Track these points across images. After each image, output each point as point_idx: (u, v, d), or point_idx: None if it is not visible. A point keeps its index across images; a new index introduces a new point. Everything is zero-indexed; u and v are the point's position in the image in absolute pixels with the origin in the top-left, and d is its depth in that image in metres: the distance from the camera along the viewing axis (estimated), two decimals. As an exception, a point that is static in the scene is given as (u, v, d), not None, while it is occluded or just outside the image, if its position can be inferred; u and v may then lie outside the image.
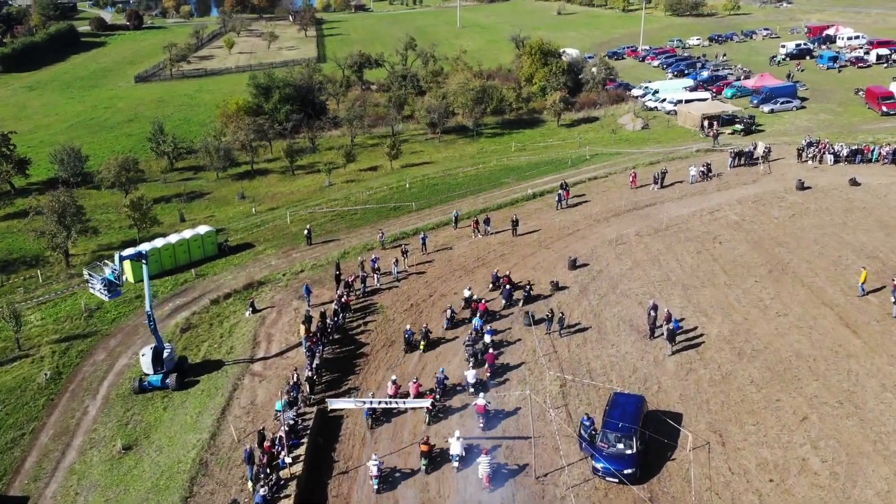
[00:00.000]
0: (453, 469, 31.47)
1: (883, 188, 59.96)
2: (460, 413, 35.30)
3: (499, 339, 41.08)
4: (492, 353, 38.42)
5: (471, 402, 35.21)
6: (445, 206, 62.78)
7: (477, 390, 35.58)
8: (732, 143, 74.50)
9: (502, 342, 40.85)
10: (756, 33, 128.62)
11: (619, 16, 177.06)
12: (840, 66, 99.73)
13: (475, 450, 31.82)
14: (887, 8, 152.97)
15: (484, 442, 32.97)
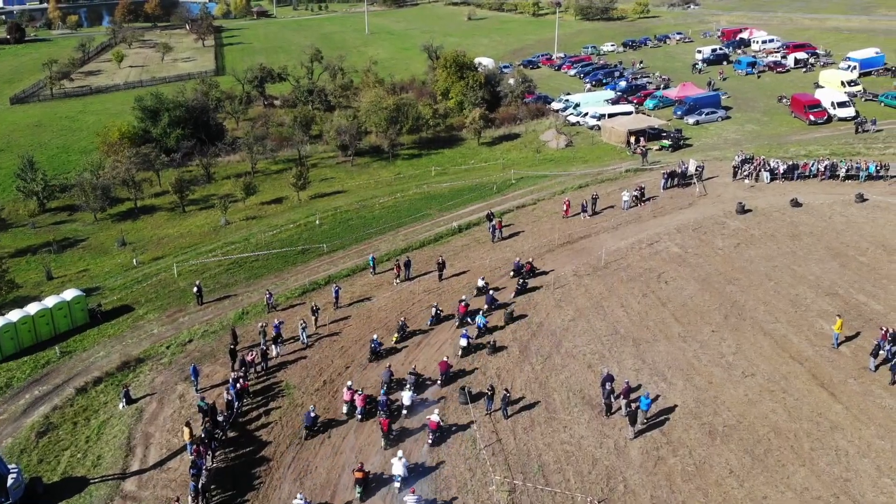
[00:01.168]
0: (395, 491, 30.34)
1: (826, 209, 56.42)
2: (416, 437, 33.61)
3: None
4: (445, 361, 38.17)
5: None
6: (361, 245, 55.75)
7: (412, 414, 35.03)
8: (661, 161, 70.35)
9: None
10: (670, 38, 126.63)
11: (529, 21, 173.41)
12: (759, 71, 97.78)
13: (419, 468, 31.72)
14: (791, 9, 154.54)
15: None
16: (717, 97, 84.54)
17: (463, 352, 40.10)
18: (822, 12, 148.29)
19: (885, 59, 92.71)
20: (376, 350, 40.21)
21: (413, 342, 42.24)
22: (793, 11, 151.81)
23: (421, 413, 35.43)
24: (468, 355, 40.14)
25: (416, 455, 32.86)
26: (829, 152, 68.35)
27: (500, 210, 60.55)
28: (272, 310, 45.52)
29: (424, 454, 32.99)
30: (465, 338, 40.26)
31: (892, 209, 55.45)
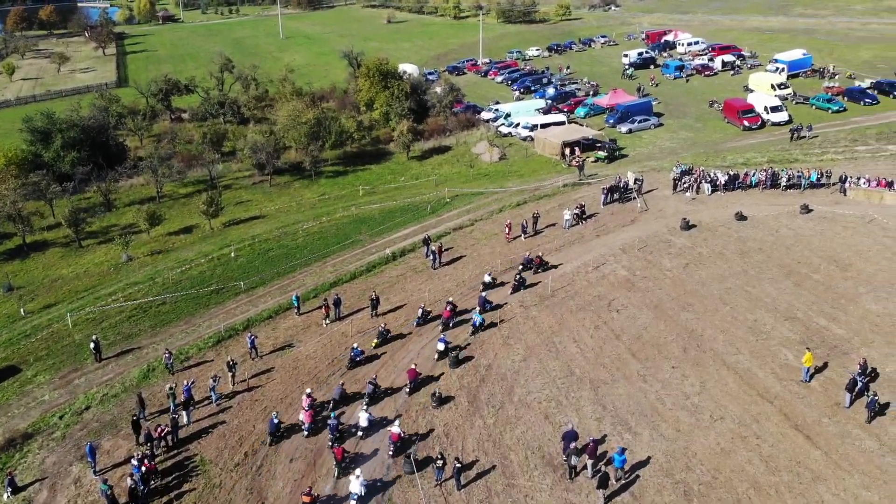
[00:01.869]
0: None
1: (772, 221, 54.35)
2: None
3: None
4: (413, 369, 37.27)
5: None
6: (284, 280, 50.60)
7: (367, 435, 33.85)
8: (598, 174, 67.52)
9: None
10: (594, 41, 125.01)
11: (451, 24, 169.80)
12: (687, 75, 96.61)
13: (377, 483, 31.01)
14: (710, 10, 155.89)
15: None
16: (649, 104, 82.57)
17: (439, 356, 39.57)
18: (741, 13, 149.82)
19: (813, 61, 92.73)
20: (355, 359, 39.40)
21: (395, 346, 41.34)
22: (712, 12, 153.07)
23: (379, 434, 33.94)
24: (444, 358, 39.54)
25: (376, 470, 31.85)
26: (766, 160, 66.87)
27: (436, 233, 56.36)
28: (173, 372, 39.68)
29: (384, 469, 31.94)
30: (443, 342, 39.83)
31: (838, 220, 53.81)
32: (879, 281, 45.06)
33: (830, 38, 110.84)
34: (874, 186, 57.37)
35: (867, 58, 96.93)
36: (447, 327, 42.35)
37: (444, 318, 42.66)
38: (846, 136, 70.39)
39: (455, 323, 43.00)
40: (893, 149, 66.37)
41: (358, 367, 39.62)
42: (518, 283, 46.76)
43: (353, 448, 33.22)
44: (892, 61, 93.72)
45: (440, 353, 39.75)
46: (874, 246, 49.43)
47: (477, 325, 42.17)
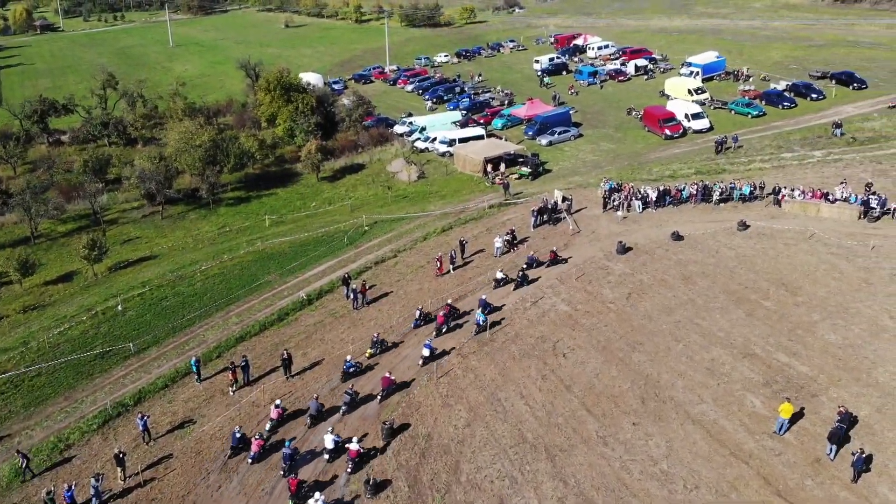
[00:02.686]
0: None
1: (710, 241, 51.48)
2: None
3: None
4: (387, 377, 36.75)
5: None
6: (182, 336, 44.12)
7: (332, 459, 32.51)
8: (523, 191, 63.49)
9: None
10: (503, 46, 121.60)
11: (353, 28, 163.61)
12: (601, 81, 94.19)
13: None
14: (613, 10, 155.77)
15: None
16: (567, 114, 79.34)
17: (424, 362, 39.03)
18: (644, 13, 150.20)
19: (726, 63, 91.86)
20: (348, 371, 38.30)
21: (390, 356, 40.26)
22: (615, 13, 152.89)
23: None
24: (428, 364, 39.05)
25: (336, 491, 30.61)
26: (694, 171, 64.46)
27: (356, 268, 50.97)
28: (31, 477, 32.69)
29: (342, 487, 31.10)
30: (428, 347, 39.28)
31: (777, 237, 51.41)
32: (832, 306, 42.52)
33: (738, 39, 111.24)
34: (810, 198, 55.45)
35: (777, 58, 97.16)
36: (440, 333, 41.55)
37: (437, 324, 41.90)
38: (770, 143, 68.92)
39: (450, 328, 42.26)
40: (819, 155, 65.17)
41: (351, 378, 38.10)
42: (520, 280, 46.17)
43: (316, 474, 31.77)
44: (803, 61, 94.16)
45: (425, 360, 39.02)
46: (820, 265, 47.09)
47: (481, 324, 41.40)
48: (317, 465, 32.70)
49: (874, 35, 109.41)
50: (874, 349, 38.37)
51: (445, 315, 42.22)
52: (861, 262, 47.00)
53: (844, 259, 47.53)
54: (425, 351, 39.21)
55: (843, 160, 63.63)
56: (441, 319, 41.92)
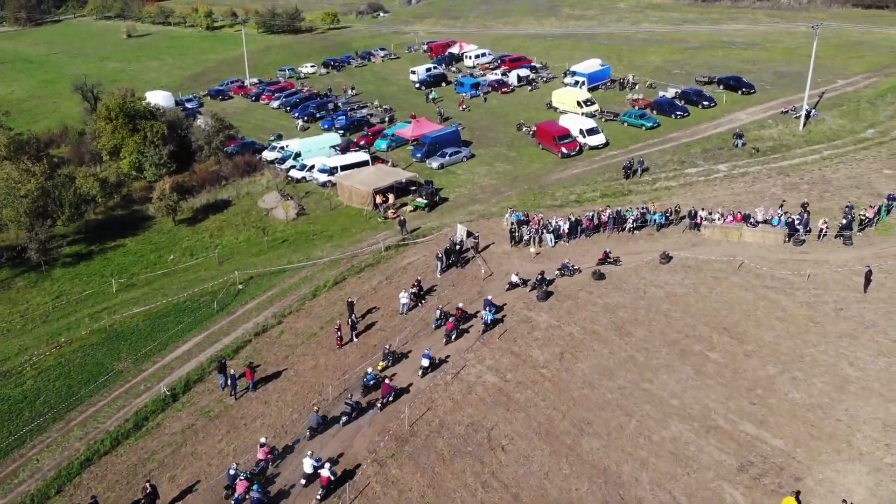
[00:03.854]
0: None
1: (633, 278, 46.38)
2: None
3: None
4: (388, 384, 35.97)
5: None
6: (7, 463, 33.71)
7: (308, 484, 30.92)
8: (421, 226, 56.34)
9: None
10: (373, 54, 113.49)
11: (204, 36, 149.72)
12: (484, 93, 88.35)
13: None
14: (480, 13, 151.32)
15: None
16: (457, 132, 72.79)
17: (423, 372, 37.98)
18: (511, 16, 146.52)
19: (611, 71, 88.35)
20: (368, 384, 36.94)
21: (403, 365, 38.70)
22: (483, 16, 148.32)
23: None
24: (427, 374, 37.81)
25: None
26: (599, 194, 59.63)
27: (230, 344, 42.06)
28: None
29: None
30: (427, 357, 38.20)
31: (704, 269, 46.98)
32: (785, 354, 38.13)
33: (614, 43, 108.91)
34: (730, 222, 51.61)
35: (658, 63, 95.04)
36: (450, 340, 40.69)
37: (447, 331, 40.90)
38: (671, 158, 65.24)
39: (459, 333, 41.21)
40: (724, 169, 62.01)
41: (371, 391, 36.68)
42: (538, 283, 44.83)
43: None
44: (685, 66, 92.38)
45: (424, 370, 37.98)
46: (759, 303, 42.84)
47: (488, 323, 41.39)
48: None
49: (746, 35, 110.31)
50: (845, 408, 34.08)
51: (456, 320, 41.31)
52: (801, 295, 43.16)
53: (783, 293, 43.56)
54: (424, 361, 38.07)
55: (749, 173, 60.73)
56: (451, 326, 40.89)
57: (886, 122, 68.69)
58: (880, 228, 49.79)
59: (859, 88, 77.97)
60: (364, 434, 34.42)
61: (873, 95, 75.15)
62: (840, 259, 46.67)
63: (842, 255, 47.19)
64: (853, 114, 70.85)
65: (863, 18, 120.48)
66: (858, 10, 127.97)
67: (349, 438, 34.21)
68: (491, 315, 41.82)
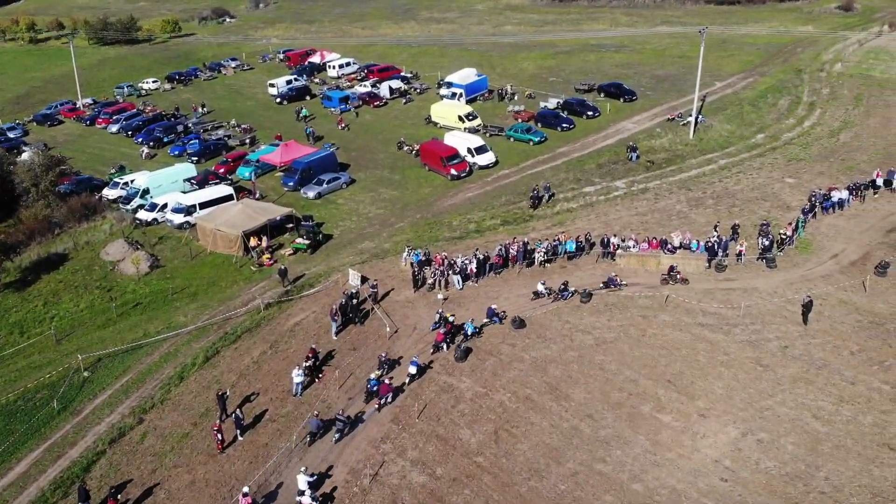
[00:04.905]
0: None
1: (555, 322, 41.39)
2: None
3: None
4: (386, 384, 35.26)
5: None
6: None
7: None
8: (306, 273, 48.72)
9: None
10: (224, 65, 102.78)
11: (27, 51, 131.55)
12: (355, 107, 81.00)
13: None
14: (335, 17, 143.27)
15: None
16: (333, 155, 65.23)
17: (410, 379, 36.44)
18: (368, 19, 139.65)
19: (489, 81, 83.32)
20: (372, 390, 35.50)
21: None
22: (338, 20, 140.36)
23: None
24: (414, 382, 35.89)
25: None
26: (500, 222, 54.31)
27: (79, 459, 32.99)
28: None
29: None
30: (415, 365, 36.73)
31: (630, 305, 42.67)
32: (742, 408, 34.12)
33: (482, 49, 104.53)
34: (646, 249, 47.65)
35: (532, 70, 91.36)
36: (437, 350, 39.01)
37: (436, 341, 39.34)
38: (566, 176, 61.01)
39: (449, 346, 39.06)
40: (623, 185, 58.42)
41: (373, 397, 35.35)
42: (561, 293, 43.26)
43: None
44: (560, 72, 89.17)
45: (411, 377, 36.70)
46: (697, 345, 38.82)
47: (468, 335, 39.77)
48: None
49: (614, 37, 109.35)
50: (824, 476, 30.27)
51: (446, 333, 39.38)
52: (740, 333, 39.54)
53: (720, 332, 39.78)
54: (412, 368, 36.67)
55: (649, 189, 57.42)
56: (440, 337, 39.21)
57: (773, 125, 67.98)
58: (799, 246, 47.41)
59: (738, 90, 77.48)
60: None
61: (754, 97, 74.68)
62: (769, 285, 43.69)
63: (769, 281, 44.28)
64: (739, 118, 69.74)
65: (718, 15, 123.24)
66: (712, 7, 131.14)
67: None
68: (473, 327, 40.25)
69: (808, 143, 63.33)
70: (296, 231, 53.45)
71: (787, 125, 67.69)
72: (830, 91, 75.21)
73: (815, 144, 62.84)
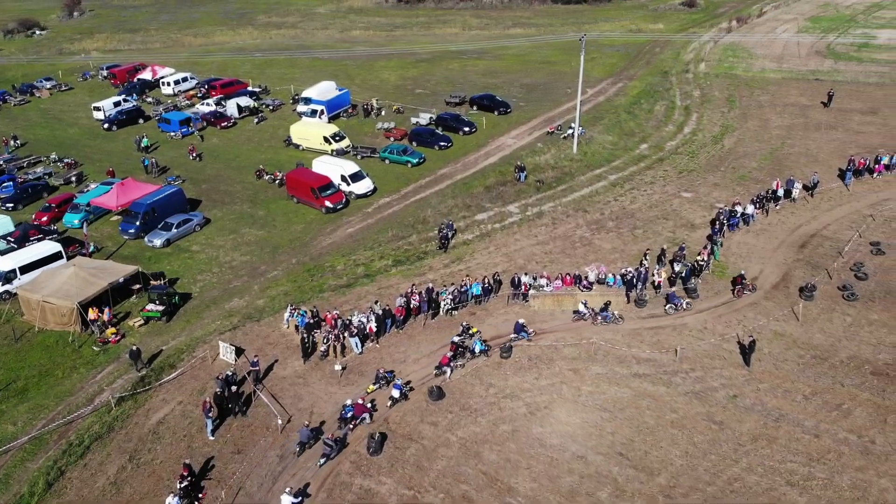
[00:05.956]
0: None
1: (477, 386, 36.01)
2: None
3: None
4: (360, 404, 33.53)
5: None
6: None
7: None
8: (164, 350, 40.07)
9: None
10: (37, 88, 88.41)
11: None
12: (199, 129, 71.23)
13: None
14: (162, 24, 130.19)
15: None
16: (180, 192, 55.81)
17: (393, 403, 34.42)
18: (200, 26, 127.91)
19: (351, 96, 76.05)
20: (346, 417, 33.47)
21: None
22: (166, 28, 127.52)
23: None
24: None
25: None
26: (392, 261, 47.87)
27: None
28: None
29: None
30: (398, 388, 34.77)
31: (555, 359, 37.86)
32: (709, 481, 30.00)
33: (335, 57, 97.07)
34: (560, 287, 42.95)
35: (395, 81, 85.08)
36: (440, 372, 36.16)
37: (440, 364, 36.54)
38: (455, 202, 55.41)
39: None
40: (516, 210, 53.68)
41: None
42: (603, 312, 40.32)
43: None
44: (425, 83, 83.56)
45: (394, 401, 34.44)
46: (640, 402, 34.46)
47: (475, 353, 37.51)
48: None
49: (472, 40, 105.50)
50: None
51: (451, 356, 36.97)
52: (682, 383, 35.60)
53: (661, 383, 35.67)
54: (395, 392, 34.79)
55: (544, 213, 53.02)
56: (445, 360, 36.77)
57: (654, 133, 65.89)
58: (716, 270, 44.47)
59: (610, 97, 75.31)
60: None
61: (628, 104, 72.65)
62: (696, 321, 40.20)
63: (696, 315, 40.80)
64: (618, 127, 67.18)
65: (567, 15, 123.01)
66: (560, 7, 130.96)
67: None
68: (482, 345, 37.98)
69: (694, 151, 61.55)
70: (145, 294, 44.20)
71: (667, 132, 65.84)
72: (701, 93, 74.68)
73: (701, 153, 61.12)
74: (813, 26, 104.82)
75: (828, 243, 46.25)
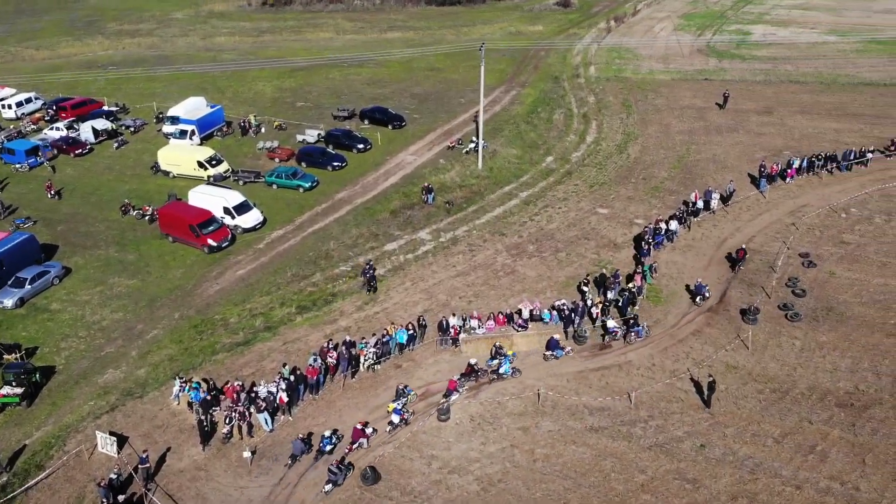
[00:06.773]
0: None
1: (417, 460, 31.53)
2: None
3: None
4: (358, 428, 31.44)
5: None
6: None
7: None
8: (28, 444, 32.51)
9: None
10: None
11: None
12: (49, 159, 61.43)
13: None
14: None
15: None
16: (32, 239, 47.09)
17: (392, 428, 32.31)
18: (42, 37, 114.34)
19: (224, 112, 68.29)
20: (324, 450, 31.60)
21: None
22: (3, 40, 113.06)
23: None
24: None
25: None
26: (296, 307, 41.96)
27: None
28: None
29: None
30: (398, 413, 32.67)
31: (500, 415, 33.59)
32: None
33: (201, 69, 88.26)
34: (493, 328, 38.62)
35: (271, 93, 77.82)
36: (448, 396, 33.90)
37: (448, 389, 34.15)
38: (359, 231, 49.87)
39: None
40: (428, 237, 48.93)
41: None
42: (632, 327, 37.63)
43: None
44: (306, 95, 76.81)
45: (393, 426, 32.34)
46: (603, 463, 30.68)
47: (500, 374, 35.36)
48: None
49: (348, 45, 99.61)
50: None
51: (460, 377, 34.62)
52: (643, 434, 32.15)
53: (620, 437, 32.07)
54: (395, 417, 32.29)
55: (459, 239, 48.56)
56: (452, 385, 34.06)
57: (557, 144, 62.85)
58: (651, 296, 41.51)
59: (506, 106, 71.69)
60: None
61: (525, 113, 69.30)
62: (641, 357, 36.94)
63: (639, 350, 37.55)
64: (519, 139, 63.70)
65: (443, 17, 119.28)
66: (434, 8, 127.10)
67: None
68: (509, 369, 35.87)
69: (601, 162, 58.96)
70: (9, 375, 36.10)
71: (570, 142, 63.04)
72: (596, 99, 72.59)
73: (608, 163, 58.58)
74: (687, 24, 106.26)
75: (757, 257, 44.39)
